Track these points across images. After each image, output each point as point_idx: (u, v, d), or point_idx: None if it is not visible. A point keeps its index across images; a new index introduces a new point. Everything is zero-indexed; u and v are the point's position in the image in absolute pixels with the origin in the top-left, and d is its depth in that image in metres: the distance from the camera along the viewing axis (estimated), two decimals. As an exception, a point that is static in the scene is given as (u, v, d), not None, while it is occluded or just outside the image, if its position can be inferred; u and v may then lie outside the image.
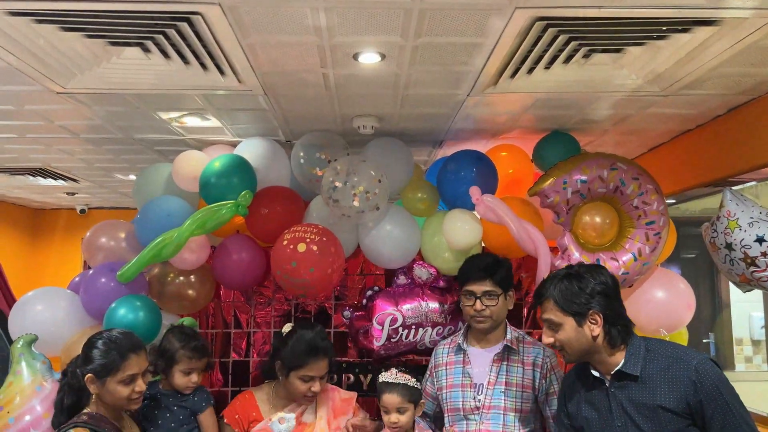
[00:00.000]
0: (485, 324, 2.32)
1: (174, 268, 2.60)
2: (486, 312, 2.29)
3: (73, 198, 5.19)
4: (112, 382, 1.97)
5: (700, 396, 1.79)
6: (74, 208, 5.75)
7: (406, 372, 2.28)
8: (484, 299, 2.29)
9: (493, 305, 2.30)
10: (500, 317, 2.35)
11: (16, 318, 2.45)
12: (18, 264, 5.61)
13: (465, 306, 2.35)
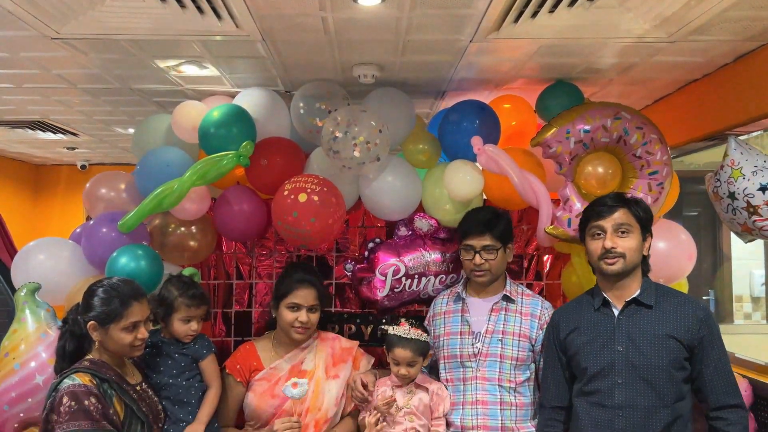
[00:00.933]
0: (484, 278, 2.34)
1: (175, 219, 2.60)
2: (485, 266, 2.32)
3: (74, 153, 5.17)
4: (114, 329, 1.99)
5: (703, 332, 2.00)
6: (75, 164, 5.74)
7: (419, 326, 2.32)
8: (483, 253, 2.31)
9: (492, 259, 2.32)
10: (499, 271, 2.37)
11: (18, 267, 2.47)
12: (20, 220, 5.63)
13: (464, 260, 2.38)
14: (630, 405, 1.99)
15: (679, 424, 2.00)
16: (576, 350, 2.12)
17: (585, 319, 2.15)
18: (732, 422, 1.99)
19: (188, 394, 2.26)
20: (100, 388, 1.97)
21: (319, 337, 2.53)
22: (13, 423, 2.20)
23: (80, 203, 2.77)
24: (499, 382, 2.30)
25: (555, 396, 2.21)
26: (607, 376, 2.03)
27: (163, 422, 2.18)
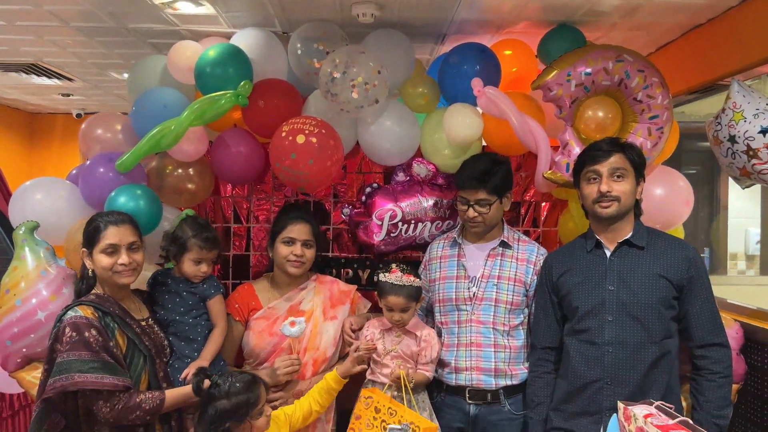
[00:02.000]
0: (478, 229, 2.37)
1: (172, 161, 2.59)
2: (478, 218, 2.34)
3: (69, 101, 5.10)
4: (96, 253, 2.05)
5: (692, 273, 2.06)
6: (70, 113, 5.67)
7: (410, 272, 2.33)
8: (476, 207, 2.32)
9: (485, 212, 2.33)
10: (494, 221, 2.39)
11: (15, 206, 2.46)
12: (16, 169, 5.60)
13: (459, 210, 2.39)
14: (619, 341, 2.05)
15: (666, 360, 2.06)
16: (568, 290, 2.16)
17: (577, 260, 2.19)
18: (716, 360, 2.05)
19: (194, 331, 2.30)
20: (102, 321, 2.01)
21: (317, 279, 2.56)
22: (16, 358, 2.23)
23: (76, 152, 2.75)
24: (493, 326, 2.34)
25: (546, 337, 2.26)
26: (598, 314, 2.08)
27: (168, 357, 2.23)
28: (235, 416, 1.93)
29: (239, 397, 1.94)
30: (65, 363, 1.92)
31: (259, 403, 1.97)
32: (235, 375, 2.02)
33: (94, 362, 1.94)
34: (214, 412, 1.93)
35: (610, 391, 2.04)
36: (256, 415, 1.96)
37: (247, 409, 1.94)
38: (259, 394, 1.98)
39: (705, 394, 2.04)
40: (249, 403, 1.94)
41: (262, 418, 1.98)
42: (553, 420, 2.19)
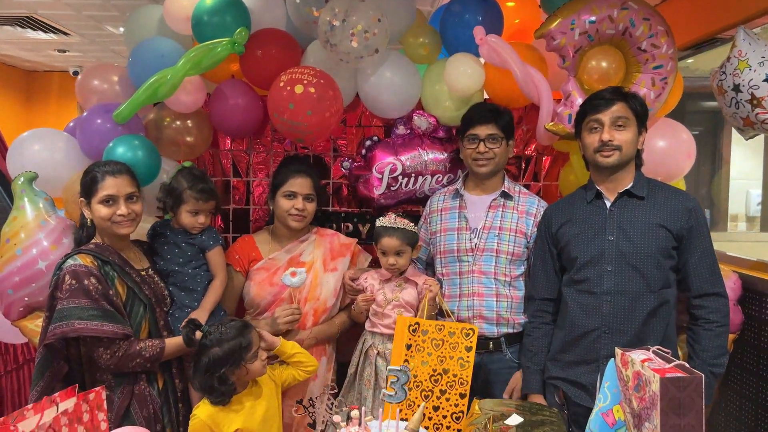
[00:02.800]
0: (487, 167, 2.36)
1: (170, 113, 2.56)
2: (489, 154, 2.34)
3: (66, 58, 5.05)
4: (95, 203, 2.06)
5: (692, 223, 2.05)
6: (67, 70, 5.62)
7: (405, 218, 2.35)
8: (487, 142, 2.34)
9: (496, 148, 2.34)
10: (501, 163, 2.39)
11: (13, 158, 2.45)
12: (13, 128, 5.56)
13: (467, 149, 2.38)
14: (618, 291, 2.05)
15: (664, 309, 2.07)
16: (567, 241, 2.16)
17: (577, 211, 2.19)
18: (713, 309, 2.06)
19: (194, 282, 2.31)
20: (102, 269, 2.02)
21: (317, 232, 2.56)
22: (18, 307, 2.25)
23: (74, 110, 2.74)
24: (494, 276, 2.35)
25: (544, 288, 2.27)
26: (597, 264, 2.09)
27: (168, 307, 2.24)
28: (229, 362, 1.95)
29: (231, 342, 1.96)
30: (65, 310, 1.94)
31: (252, 347, 1.99)
32: (226, 323, 2.04)
33: (93, 310, 1.95)
34: (207, 360, 1.95)
35: (607, 339, 2.06)
36: (250, 359, 1.98)
37: (241, 354, 1.96)
38: (251, 338, 2.00)
39: (701, 343, 2.06)
40: (241, 347, 1.96)
41: (257, 362, 2.00)
42: (550, 370, 2.22)
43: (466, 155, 2.40)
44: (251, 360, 1.99)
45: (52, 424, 1.21)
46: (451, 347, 2.17)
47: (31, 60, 5.28)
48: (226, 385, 1.94)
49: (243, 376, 1.99)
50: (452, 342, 2.17)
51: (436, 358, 2.17)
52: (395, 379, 1.48)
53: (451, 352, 2.17)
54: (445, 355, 2.18)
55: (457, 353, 2.17)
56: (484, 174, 2.39)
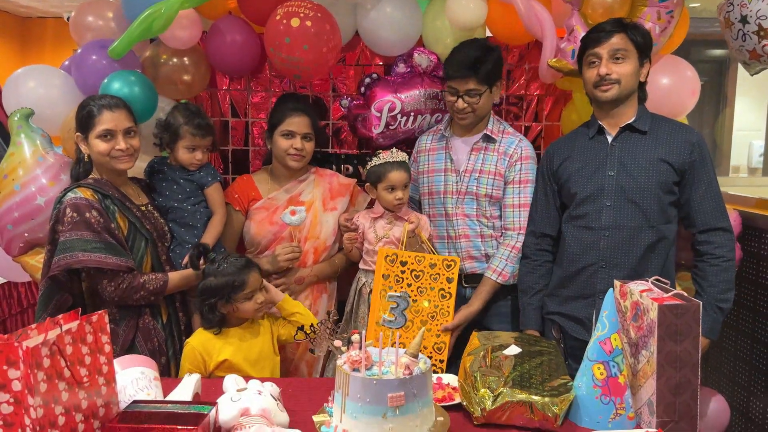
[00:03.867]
0: (467, 121, 2.34)
1: (167, 49, 2.52)
2: (467, 110, 2.29)
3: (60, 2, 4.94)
4: (92, 138, 2.03)
5: (694, 157, 2.01)
6: (62, 16, 5.51)
7: (399, 151, 2.36)
8: (466, 98, 2.28)
9: (475, 103, 2.29)
10: (483, 112, 2.35)
11: (9, 94, 2.41)
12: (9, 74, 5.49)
13: (448, 101, 2.34)
14: (616, 226, 2.05)
15: (662, 245, 2.07)
16: (567, 177, 2.15)
17: (578, 148, 2.17)
18: (719, 244, 2.05)
19: (193, 218, 2.31)
20: (102, 203, 2.02)
21: (316, 172, 2.55)
22: (19, 243, 2.25)
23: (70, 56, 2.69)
24: (477, 218, 2.36)
25: (545, 224, 2.26)
26: (596, 199, 2.08)
27: (169, 242, 2.25)
28: (219, 295, 1.97)
29: (226, 277, 1.97)
30: (68, 242, 1.94)
31: (245, 288, 1.98)
32: (234, 257, 2.05)
33: (96, 242, 1.96)
34: (203, 287, 1.99)
35: (604, 274, 2.07)
36: (241, 298, 1.99)
37: (232, 291, 1.97)
38: (246, 279, 1.99)
39: (708, 279, 2.05)
40: (233, 285, 1.97)
41: (249, 303, 2.00)
42: (548, 305, 2.23)
43: (448, 105, 2.36)
44: (242, 300, 1.99)
45: (56, 341, 1.22)
46: (431, 278, 2.19)
47: (25, 5, 5.16)
48: (213, 314, 1.98)
49: (233, 312, 2.01)
50: (433, 273, 2.18)
51: (416, 289, 2.18)
52: (395, 305, 1.49)
53: (432, 283, 2.18)
54: (425, 286, 2.19)
55: (438, 284, 2.18)
56: (466, 125, 2.37)
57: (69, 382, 1.25)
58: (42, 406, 1.16)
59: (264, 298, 2.04)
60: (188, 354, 1.99)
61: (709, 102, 6.32)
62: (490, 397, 1.59)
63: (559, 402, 1.59)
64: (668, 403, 1.55)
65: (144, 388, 1.62)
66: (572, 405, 1.65)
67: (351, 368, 1.46)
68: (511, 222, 2.34)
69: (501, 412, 1.59)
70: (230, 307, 2.00)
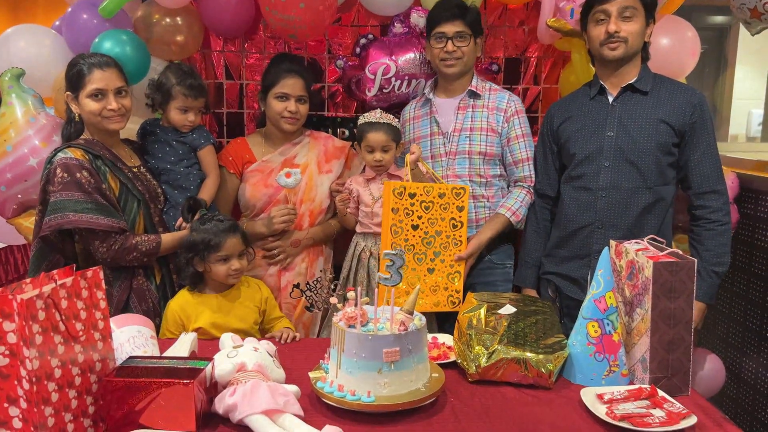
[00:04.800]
0: (455, 67, 2.30)
1: (159, 9, 2.47)
2: (457, 53, 2.27)
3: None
4: (83, 97, 2.01)
5: (695, 118, 2.00)
6: (53, -21, 5.40)
7: (389, 113, 2.32)
8: (455, 40, 2.26)
9: (464, 46, 2.27)
10: (470, 62, 2.33)
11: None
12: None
13: (435, 49, 2.32)
14: (613, 186, 2.05)
15: (659, 206, 2.06)
16: (567, 137, 2.14)
17: (579, 108, 2.16)
18: (714, 209, 2.05)
19: (187, 180, 2.29)
20: (93, 163, 2.00)
21: (311, 135, 2.53)
22: (12, 204, 2.24)
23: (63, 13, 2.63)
24: (469, 178, 2.34)
25: (544, 185, 2.26)
26: (595, 160, 2.07)
27: (162, 204, 2.24)
28: (193, 251, 1.98)
29: (204, 235, 1.97)
30: (59, 202, 1.93)
31: (220, 250, 1.97)
32: (221, 218, 2.05)
33: (87, 203, 1.95)
34: (185, 241, 2.01)
35: (600, 234, 2.07)
36: (214, 259, 1.98)
37: (206, 250, 1.96)
38: (221, 241, 1.97)
39: (704, 243, 2.06)
40: (209, 244, 1.96)
41: (222, 266, 1.98)
42: (545, 265, 2.24)
43: (434, 55, 2.32)
44: (215, 261, 1.98)
45: (51, 295, 1.22)
46: (441, 208, 2.17)
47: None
48: (187, 269, 1.99)
49: (207, 272, 2.01)
50: (443, 203, 2.17)
51: (426, 221, 2.17)
52: (390, 262, 1.49)
53: (443, 213, 2.18)
54: (436, 217, 2.18)
55: (449, 214, 2.17)
56: (453, 74, 2.32)
57: (64, 336, 1.24)
58: (37, 358, 1.16)
59: (239, 266, 2.01)
60: (168, 315, 2.01)
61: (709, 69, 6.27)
62: (485, 354, 1.61)
63: (553, 359, 1.60)
64: (661, 360, 1.57)
65: (141, 346, 1.63)
66: (566, 362, 1.67)
67: (347, 325, 1.46)
68: (522, 176, 2.33)
69: (495, 369, 1.61)
70: (205, 266, 2.00)
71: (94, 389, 1.34)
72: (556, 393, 1.59)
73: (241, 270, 2.03)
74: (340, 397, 1.43)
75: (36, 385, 1.15)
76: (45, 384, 1.18)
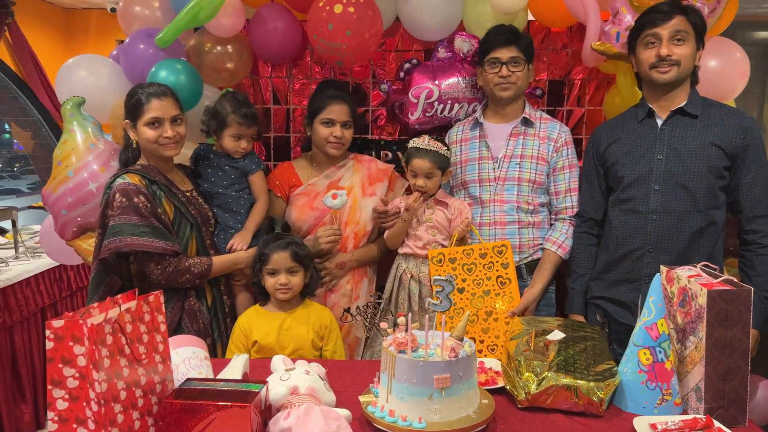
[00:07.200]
0: (510, 91, 2.32)
1: (211, 38, 2.56)
2: (512, 78, 2.29)
3: (103, -7, 5.05)
4: (140, 125, 2.09)
5: (747, 141, 1.98)
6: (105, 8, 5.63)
7: (439, 140, 2.34)
8: (510, 66, 2.28)
9: (518, 71, 2.29)
10: (523, 87, 2.36)
11: (61, 83, 2.50)
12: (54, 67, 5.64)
13: (489, 74, 2.33)
14: (664, 210, 2.03)
15: (711, 230, 2.03)
16: (615, 160, 2.13)
17: (626, 131, 2.15)
18: (765, 233, 2.02)
19: (237, 204, 2.36)
20: (149, 188, 2.08)
21: (355, 158, 2.57)
22: (72, 227, 2.34)
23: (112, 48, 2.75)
24: (517, 204, 2.34)
25: (590, 208, 2.25)
26: (644, 183, 2.05)
27: (213, 227, 2.30)
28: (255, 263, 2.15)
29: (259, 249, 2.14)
30: (117, 226, 2.01)
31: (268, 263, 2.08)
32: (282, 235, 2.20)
33: (144, 227, 2.02)
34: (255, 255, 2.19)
35: (650, 258, 2.05)
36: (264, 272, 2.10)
37: (258, 262, 2.12)
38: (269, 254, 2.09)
39: (756, 269, 2.02)
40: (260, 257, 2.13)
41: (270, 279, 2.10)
42: (592, 289, 2.22)
43: (488, 80, 2.35)
44: (266, 274, 2.10)
45: (118, 319, 1.27)
46: (486, 268, 2.19)
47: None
48: (253, 277, 2.15)
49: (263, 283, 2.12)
50: (485, 263, 2.19)
51: (471, 283, 2.19)
52: (440, 288, 1.51)
53: (488, 273, 2.19)
54: (481, 278, 2.20)
55: (494, 273, 2.19)
56: (507, 98, 2.34)
57: (129, 358, 1.30)
58: (105, 380, 1.21)
59: (286, 281, 2.07)
60: (235, 329, 2.11)
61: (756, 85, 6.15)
62: (535, 381, 1.60)
63: (604, 387, 1.58)
64: (717, 389, 1.54)
65: (195, 366, 1.67)
66: (617, 390, 1.65)
67: (397, 350, 1.48)
68: (563, 207, 2.35)
69: (545, 396, 1.60)
70: (261, 278, 2.11)
71: (154, 411, 1.39)
72: (607, 421, 1.57)
73: (290, 286, 2.09)
74: (391, 423, 1.45)
75: (104, 407, 1.20)
76: (111, 406, 1.23)
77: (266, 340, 2.05)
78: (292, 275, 2.08)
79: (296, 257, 2.09)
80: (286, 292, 2.08)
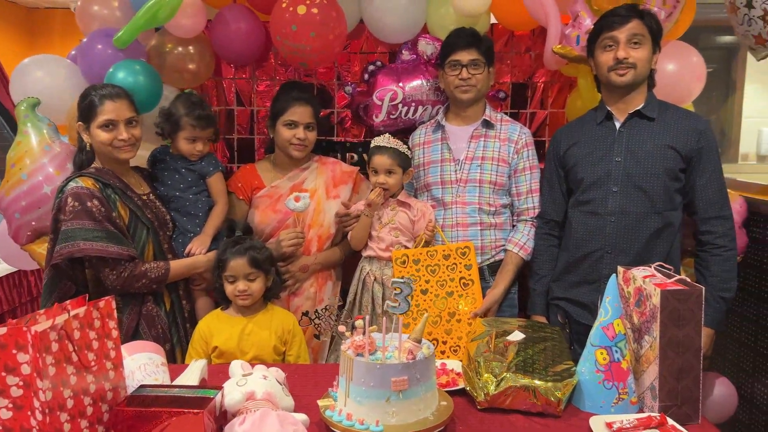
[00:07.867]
0: (470, 93, 2.33)
1: (172, 38, 2.52)
2: (472, 80, 2.30)
3: (66, -8, 4.94)
4: (94, 127, 2.04)
5: (702, 144, 2.02)
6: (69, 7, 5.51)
7: (399, 139, 2.36)
8: (470, 68, 2.30)
9: (479, 74, 2.31)
10: (483, 89, 2.37)
11: (16, 84, 2.43)
12: (17, 65, 5.51)
13: (449, 77, 2.35)
14: (622, 211, 2.06)
15: (668, 231, 2.07)
16: (574, 163, 2.15)
17: (586, 133, 2.17)
18: (720, 234, 2.06)
19: (195, 207, 2.32)
20: (104, 192, 2.03)
21: (319, 160, 2.56)
22: (26, 231, 2.28)
23: None
24: (479, 206, 2.36)
25: (551, 210, 2.27)
26: (603, 185, 2.08)
27: (171, 231, 2.26)
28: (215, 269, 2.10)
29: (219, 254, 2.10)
30: (69, 231, 1.96)
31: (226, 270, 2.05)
32: (242, 239, 2.14)
33: (97, 231, 1.98)
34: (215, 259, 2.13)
35: (609, 259, 2.07)
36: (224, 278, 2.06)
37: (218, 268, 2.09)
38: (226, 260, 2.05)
39: (710, 269, 2.06)
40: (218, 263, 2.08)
41: (229, 286, 2.06)
42: (553, 290, 2.24)
43: (448, 83, 2.36)
44: (225, 280, 2.06)
45: (64, 326, 1.24)
46: (449, 270, 2.20)
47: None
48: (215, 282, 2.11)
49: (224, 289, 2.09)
50: (449, 264, 2.20)
51: (435, 284, 2.20)
52: (398, 291, 1.51)
53: (451, 274, 2.20)
54: (444, 279, 2.21)
55: (457, 274, 2.20)
56: (467, 101, 2.36)
57: (77, 366, 1.26)
58: (51, 389, 1.17)
59: (245, 288, 2.04)
60: (195, 333, 2.08)
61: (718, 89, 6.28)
62: (494, 382, 1.61)
63: (561, 387, 1.59)
64: (671, 388, 1.56)
65: (152, 373, 1.64)
66: (575, 390, 1.66)
67: (355, 353, 1.47)
68: (525, 208, 2.37)
69: (504, 396, 1.60)
70: (221, 283, 2.08)
71: (105, 419, 1.35)
72: (565, 421, 1.58)
73: (249, 292, 2.05)
74: (348, 426, 1.43)
75: (49, 416, 1.16)
76: (57, 415, 1.19)
77: (227, 345, 2.03)
78: (251, 281, 2.05)
79: (255, 263, 2.05)
80: (245, 298, 2.05)
